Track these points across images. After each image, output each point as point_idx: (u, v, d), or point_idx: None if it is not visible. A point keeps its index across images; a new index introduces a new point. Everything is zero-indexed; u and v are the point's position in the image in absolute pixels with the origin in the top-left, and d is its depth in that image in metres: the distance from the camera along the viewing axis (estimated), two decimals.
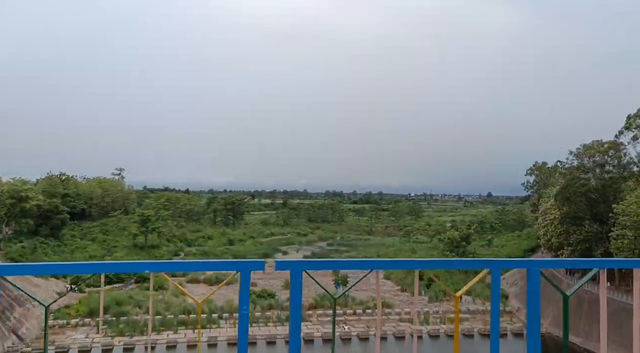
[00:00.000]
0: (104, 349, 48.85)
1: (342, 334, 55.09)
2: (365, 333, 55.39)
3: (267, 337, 53.44)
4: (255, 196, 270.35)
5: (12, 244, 71.17)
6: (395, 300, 69.73)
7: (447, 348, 51.43)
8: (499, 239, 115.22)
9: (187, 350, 50.29)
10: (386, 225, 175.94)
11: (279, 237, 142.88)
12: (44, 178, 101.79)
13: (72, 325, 55.08)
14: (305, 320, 60.66)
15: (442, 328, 57.73)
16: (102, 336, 52.21)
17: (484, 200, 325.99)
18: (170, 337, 52.32)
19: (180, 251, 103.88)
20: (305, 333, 54.82)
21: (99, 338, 51.25)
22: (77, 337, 51.82)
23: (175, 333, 54.26)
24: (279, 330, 56.35)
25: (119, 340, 51.21)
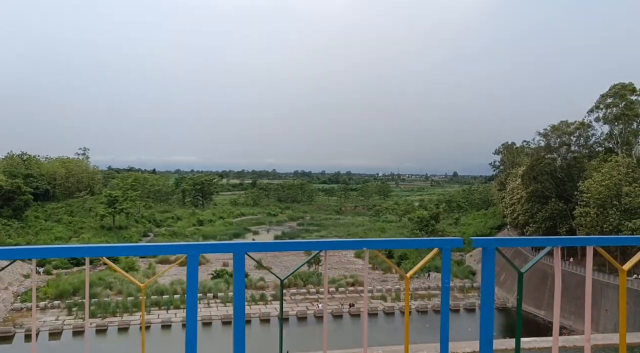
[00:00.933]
0: (75, 331, 48.00)
1: (316, 312, 55.76)
2: (339, 311, 56.23)
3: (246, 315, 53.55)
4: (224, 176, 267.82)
5: None
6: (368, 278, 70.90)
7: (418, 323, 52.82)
8: (466, 217, 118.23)
9: (161, 330, 50.05)
10: (355, 205, 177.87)
11: (249, 217, 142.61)
12: (4, 158, 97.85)
13: (41, 308, 53.83)
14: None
15: (413, 304, 59.15)
16: (74, 318, 51.30)
17: (450, 180, 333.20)
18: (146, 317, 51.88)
19: (150, 232, 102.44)
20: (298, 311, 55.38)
21: (69, 321, 50.31)
22: (47, 319, 50.74)
23: (149, 314, 53.86)
24: (252, 309, 56.65)
25: (91, 322, 50.39)
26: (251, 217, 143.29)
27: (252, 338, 47.06)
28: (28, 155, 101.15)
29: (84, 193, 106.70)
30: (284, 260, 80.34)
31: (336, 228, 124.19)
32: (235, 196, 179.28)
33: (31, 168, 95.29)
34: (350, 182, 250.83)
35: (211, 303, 58.88)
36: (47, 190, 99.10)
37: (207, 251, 2.06)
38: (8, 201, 79.51)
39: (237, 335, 2.05)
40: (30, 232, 78.57)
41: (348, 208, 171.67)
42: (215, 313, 54.67)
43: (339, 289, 64.50)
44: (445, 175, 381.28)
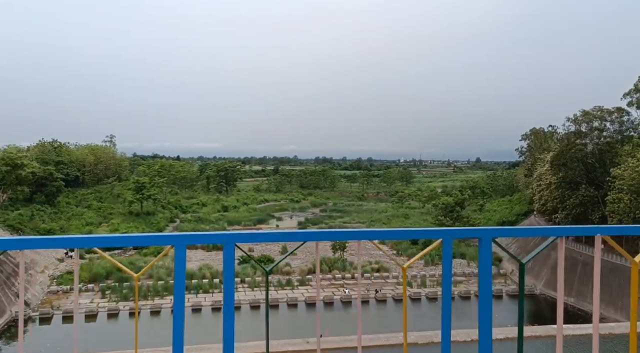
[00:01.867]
0: (110, 313, 49.48)
1: (342, 297, 56.31)
2: (365, 297, 56.67)
3: (271, 300, 54.42)
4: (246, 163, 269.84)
5: (9, 211, 70.67)
6: (391, 264, 71.10)
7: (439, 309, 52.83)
8: (491, 204, 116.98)
9: (191, 314, 51.17)
10: (377, 191, 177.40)
11: (272, 203, 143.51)
12: (36, 146, 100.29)
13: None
14: (306, 284, 61.92)
15: (438, 291, 59.15)
16: (107, 301, 52.85)
17: (472, 166, 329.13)
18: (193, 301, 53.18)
19: (176, 218, 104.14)
20: (307, 297, 56.08)
21: (104, 303, 51.86)
22: (82, 302, 52.37)
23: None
24: (279, 294, 57.46)
25: (123, 305, 51.89)
26: (274, 203, 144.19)
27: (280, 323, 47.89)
28: (59, 143, 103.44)
29: (112, 179, 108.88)
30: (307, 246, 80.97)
31: (359, 215, 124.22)
32: (257, 182, 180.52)
33: (62, 155, 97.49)
34: (372, 169, 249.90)
35: (239, 287, 59.84)
36: (76, 177, 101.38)
37: (195, 242, 2.04)
38: (41, 187, 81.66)
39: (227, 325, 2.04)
40: (62, 217, 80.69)
41: (370, 195, 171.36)
42: (243, 297, 55.61)
43: (364, 275, 64.88)
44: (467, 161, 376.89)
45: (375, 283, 62.13)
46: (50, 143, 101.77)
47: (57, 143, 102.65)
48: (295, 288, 60.15)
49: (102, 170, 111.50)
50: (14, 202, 75.45)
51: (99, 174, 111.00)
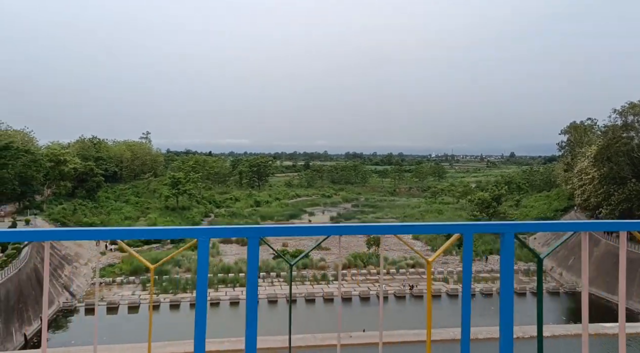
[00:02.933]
0: (153, 305, 50.63)
1: (378, 293, 56.07)
2: (401, 292, 56.34)
3: (307, 294, 54.75)
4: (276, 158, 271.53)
5: (53, 206, 73.10)
6: None
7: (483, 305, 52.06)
8: (527, 199, 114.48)
9: (230, 307, 51.91)
10: (410, 186, 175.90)
11: (303, 198, 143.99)
12: (76, 142, 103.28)
13: (118, 283, 57.11)
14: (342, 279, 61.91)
15: (477, 287, 58.36)
16: (148, 293, 54.07)
17: (506, 161, 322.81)
18: (213, 295, 53.95)
19: (210, 212, 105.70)
20: (343, 292, 56.08)
21: (145, 296, 53.12)
22: (124, 294, 53.80)
23: (217, 291, 55.86)
24: (315, 289, 57.63)
25: (164, 297, 53.04)
26: (306, 198, 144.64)
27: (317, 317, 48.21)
28: (97, 139, 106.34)
29: (148, 175, 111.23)
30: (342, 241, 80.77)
31: (392, 210, 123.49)
32: (288, 178, 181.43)
33: (101, 151, 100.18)
34: (403, 164, 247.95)
35: (275, 282, 60.32)
36: (115, 172, 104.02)
37: (219, 235, 2.01)
38: (82, 182, 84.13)
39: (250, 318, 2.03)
40: (102, 211, 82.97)
41: (402, 190, 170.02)
42: (279, 291, 56.04)
43: (399, 271, 64.48)
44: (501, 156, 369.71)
45: (412, 279, 61.69)
46: (90, 139, 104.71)
47: (96, 139, 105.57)
48: (331, 283, 60.26)
49: (138, 166, 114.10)
50: (57, 196, 77.99)
51: (136, 169, 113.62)
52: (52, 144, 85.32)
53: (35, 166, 68.80)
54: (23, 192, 67.85)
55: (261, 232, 1.99)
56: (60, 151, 77.20)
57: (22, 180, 67.41)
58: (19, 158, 66.17)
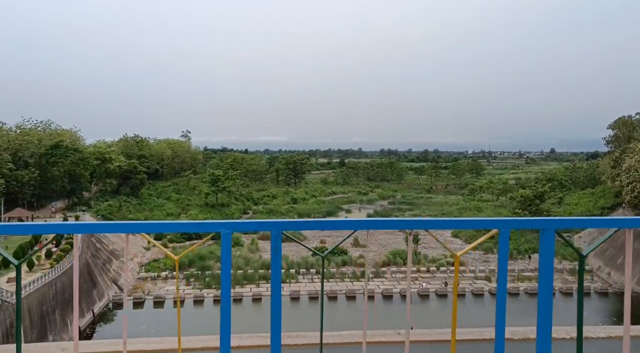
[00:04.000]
0: (196, 300, 51.80)
1: (419, 291, 55.66)
2: (443, 291, 55.71)
3: (347, 291, 54.84)
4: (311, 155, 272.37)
5: (100, 202, 75.63)
6: (468, 258, 69.60)
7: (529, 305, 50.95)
8: (570, 197, 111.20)
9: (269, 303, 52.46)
10: (446, 184, 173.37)
11: (339, 195, 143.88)
12: (120, 140, 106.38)
13: (162, 278, 58.60)
14: (380, 276, 61.77)
15: (520, 286, 57.18)
16: (192, 288, 55.32)
17: (546, 157, 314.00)
18: (254, 290, 54.72)
19: (249, 209, 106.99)
20: (384, 289, 55.91)
21: (189, 290, 54.36)
22: (169, 288, 55.18)
23: (258, 287, 56.61)
24: (355, 286, 57.66)
25: (207, 292, 54.12)
26: (342, 195, 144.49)
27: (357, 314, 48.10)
28: (140, 137, 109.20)
29: (188, 172, 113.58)
30: (380, 238, 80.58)
31: (429, 208, 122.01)
32: (324, 175, 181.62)
33: (143, 149, 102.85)
34: (439, 160, 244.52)
35: (315, 278, 60.65)
36: (156, 170, 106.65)
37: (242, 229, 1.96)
38: (126, 180, 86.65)
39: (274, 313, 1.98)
40: (146, 208, 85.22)
41: (439, 187, 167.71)
42: (319, 288, 56.31)
43: (439, 268, 63.79)
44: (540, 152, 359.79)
45: (451, 278, 60.91)
46: (133, 138, 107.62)
47: (139, 138, 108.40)
48: (371, 281, 60.10)
49: (178, 164, 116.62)
50: (103, 193, 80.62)
51: (176, 167, 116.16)
52: (98, 142, 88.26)
53: (83, 164, 71.30)
54: (72, 189, 70.45)
55: (284, 226, 1.95)
56: (106, 149, 79.73)
57: (71, 178, 69.98)
58: (68, 156, 68.72)
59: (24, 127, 76.47)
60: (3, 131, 70.89)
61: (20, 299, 1.98)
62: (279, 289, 2.00)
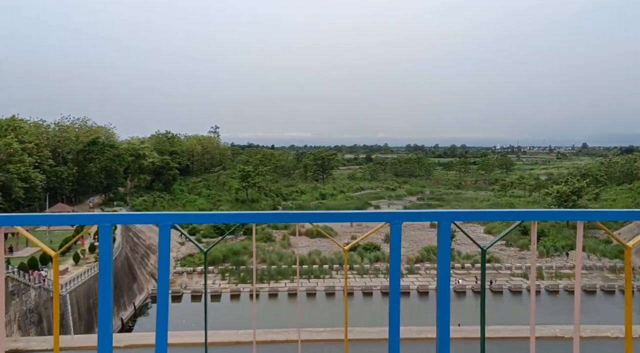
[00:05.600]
0: (232, 294, 52.23)
1: (455, 287, 54.98)
2: (478, 288, 54.87)
3: (382, 287, 54.59)
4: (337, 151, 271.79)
5: (135, 198, 76.94)
6: (503, 255, 68.52)
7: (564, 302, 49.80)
8: (607, 193, 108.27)
9: (306, 298, 52.59)
10: (475, 179, 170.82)
11: (367, 191, 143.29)
12: (151, 137, 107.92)
13: (198, 272, 59.25)
14: (414, 272, 61.28)
15: (560, 283, 55.97)
16: (227, 283, 55.81)
17: (578, 152, 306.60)
18: (289, 285, 54.91)
19: (278, 205, 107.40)
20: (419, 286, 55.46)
21: (225, 285, 54.85)
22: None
23: (292, 282, 56.73)
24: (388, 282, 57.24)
25: (243, 287, 54.50)
26: (370, 191, 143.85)
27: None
28: (171, 134, 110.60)
29: (218, 168, 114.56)
30: (411, 235, 79.89)
31: (459, 203, 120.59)
32: (351, 171, 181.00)
33: (174, 145, 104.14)
34: (467, 156, 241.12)
35: (349, 274, 60.43)
36: (187, 166, 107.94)
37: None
38: (158, 175, 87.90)
39: None
40: (178, 203, 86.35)
41: (468, 183, 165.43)
42: (354, 283, 56.25)
43: (474, 265, 62.87)
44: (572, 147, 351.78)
45: (489, 275, 59.99)
46: (164, 134, 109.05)
47: (170, 134, 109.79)
48: (405, 277, 59.65)
49: (208, 160, 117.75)
50: (137, 189, 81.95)
51: (206, 163, 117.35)
52: (132, 139, 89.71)
53: (119, 160, 72.58)
54: (108, 185, 71.81)
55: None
56: (139, 146, 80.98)
57: (107, 174, 71.32)
58: (104, 153, 70.04)
59: (61, 124, 78.28)
60: (42, 128, 72.81)
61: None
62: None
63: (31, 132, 63.74)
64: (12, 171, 53.96)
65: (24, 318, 27.60)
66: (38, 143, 62.45)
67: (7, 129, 58.60)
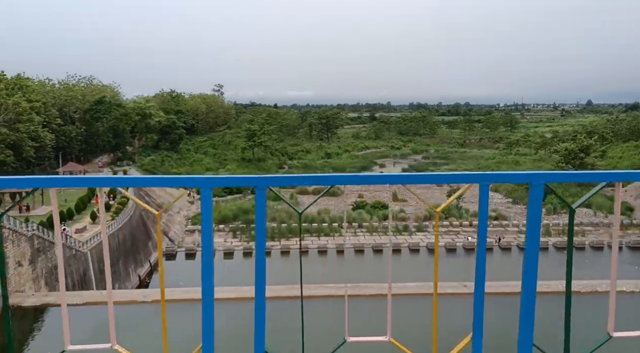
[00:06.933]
0: (245, 252, 53.09)
1: (465, 244, 55.83)
2: (489, 244, 55.71)
3: (394, 245, 55.32)
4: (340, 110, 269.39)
5: (143, 157, 76.92)
6: (511, 212, 69.10)
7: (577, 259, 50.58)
8: (613, 150, 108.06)
9: (318, 255, 53.45)
10: (480, 138, 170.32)
11: (372, 150, 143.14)
12: (155, 96, 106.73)
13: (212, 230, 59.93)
14: (423, 230, 61.98)
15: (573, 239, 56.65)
16: (240, 241, 56.57)
17: (582, 109, 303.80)
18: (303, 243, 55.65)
19: (284, 164, 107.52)
20: (428, 243, 56.28)
21: (237, 243, 55.63)
22: (217, 240, 56.51)
23: (304, 240, 57.47)
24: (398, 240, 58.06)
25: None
26: (375, 150, 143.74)
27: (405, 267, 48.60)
28: (176, 93, 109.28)
29: (223, 127, 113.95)
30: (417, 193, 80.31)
31: (464, 162, 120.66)
32: (355, 129, 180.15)
33: (179, 104, 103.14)
34: (471, 114, 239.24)
35: (357, 232, 61.21)
36: (192, 125, 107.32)
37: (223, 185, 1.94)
38: (165, 135, 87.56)
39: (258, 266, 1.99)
40: (186, 163, 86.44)
41: (472, 141, 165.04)
42: (364, 241, 57.02)
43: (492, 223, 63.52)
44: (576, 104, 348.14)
45: (496, 231, 60.77)
46: (169, 93, 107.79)
47: (175, 93, 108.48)
48: (414, 234, 60.41)
49: (212, 119, 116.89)
50: (145, 148, 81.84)
51: (210, 122, 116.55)
52: (137, 97, 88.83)
53: (126, 119, 72.10)
54: (116, 144, 71.63)
55: (268, 182, 1.96)
56: (145, 105, 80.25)
57: (115, 133, 71.02)
58: (111, 112, 69.49)
59: (66, 82, 77.22)
60: (48, 87, 71.88)
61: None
62: (264, 245, 2.04)
63: (38, 91, 63.02)
64: (22, 130, 53.75)
65: (50, 275, 28.19)
66: (45, 102, 61.85)
67: (14, 88, 57.92)
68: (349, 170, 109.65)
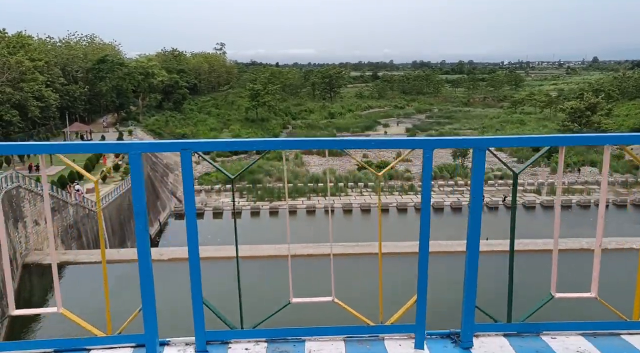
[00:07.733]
0: (253, 211, 53.63)
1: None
2: (494, 203, 56.25)
3: (399, 205, 55.79)
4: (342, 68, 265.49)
5: (147, 117, 76.48)
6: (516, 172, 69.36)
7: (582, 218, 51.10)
8: (619, 108, 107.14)
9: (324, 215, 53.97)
10: (484, 96, 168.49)
11: (376, 109, 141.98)
12: (157, 54, 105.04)
13: (216, 191, 60.36)
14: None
15: (573, 198, 57.17)
16: (247, 201, 57.05)
17: (588, 66, 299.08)
18: (307, 203, 56.12)
19: (288, 124, 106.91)
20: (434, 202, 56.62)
21: (244, 203, 56.12)
22: (224, 200, 57.02)
23: (309, 200, 57.90)
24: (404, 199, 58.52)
25: (262, 205, 55.78)
26: (378, 109, 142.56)
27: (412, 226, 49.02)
28: (178, 51, 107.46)
29: (226, 87, 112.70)
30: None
31: (468, 121, 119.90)
32: (357, 88, 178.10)
33: (181, 63, 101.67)
34: (475, 72, 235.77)
35: (363, 192, 61.67)
36: (194, 84, 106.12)
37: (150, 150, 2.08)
38: (168, 94, 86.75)
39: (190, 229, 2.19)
40: (190, 123, 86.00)
41: (476, 100, 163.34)
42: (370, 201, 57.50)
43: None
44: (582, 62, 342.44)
45: (501, 190, 61.19)
46: (171, 52, 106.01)
47: (177, 52, 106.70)
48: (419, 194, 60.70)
49: (215, 78, 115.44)
50: (148, 108, 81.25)
51: (213, 81, 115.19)
52: (140, 56, 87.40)
53: (129, 79, 71.22)
54: (121, 104, 71.07)
55: (194, 147, 2.04)
56: (148, 64, 79.10)
57: (118, 93, 70.33)
58: (114, 71, 68.57)
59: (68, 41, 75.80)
60: (49, 45, 70.62)
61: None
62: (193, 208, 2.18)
63: (40, 50, 61.93)
64: (26, 90, 53.19)
65: (65, 234, 28.64)
66: (47, 61, 60.92)
67: (16, 46, 56.93)
68: (353, 130, 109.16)
